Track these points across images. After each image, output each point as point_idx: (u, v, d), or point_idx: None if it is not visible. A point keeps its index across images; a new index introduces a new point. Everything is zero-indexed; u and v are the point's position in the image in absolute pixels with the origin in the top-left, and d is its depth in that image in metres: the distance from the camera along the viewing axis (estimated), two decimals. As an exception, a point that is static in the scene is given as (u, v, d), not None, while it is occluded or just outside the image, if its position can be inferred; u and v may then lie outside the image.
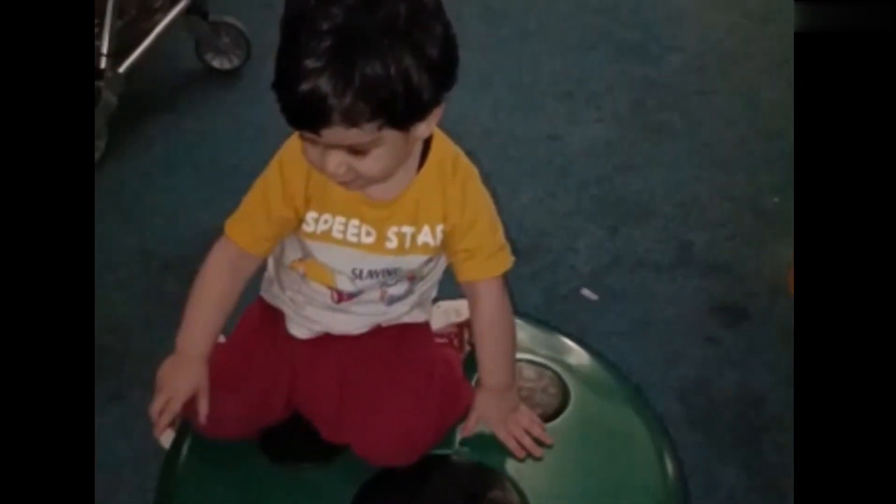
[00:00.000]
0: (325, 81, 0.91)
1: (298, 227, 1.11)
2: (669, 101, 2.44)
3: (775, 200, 2.11)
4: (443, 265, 1.20)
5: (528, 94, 2.46)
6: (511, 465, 1.16)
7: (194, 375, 1.11)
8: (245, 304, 1.21)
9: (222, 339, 1.21)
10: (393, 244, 1.11)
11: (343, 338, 1.20)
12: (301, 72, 0.91)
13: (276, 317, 1.22)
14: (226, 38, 2.47)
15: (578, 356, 1.34)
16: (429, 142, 1.09)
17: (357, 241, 1.11)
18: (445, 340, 1.30)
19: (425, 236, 1.11)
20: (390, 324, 1.21)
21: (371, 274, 1.13)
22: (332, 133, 0.95)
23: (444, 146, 1.11)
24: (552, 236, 2.00)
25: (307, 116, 0.94)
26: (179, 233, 1.97)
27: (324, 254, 1.13)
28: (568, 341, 1.36)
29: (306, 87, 0.91)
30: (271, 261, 1.22)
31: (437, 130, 1.08)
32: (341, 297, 1.16)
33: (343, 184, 1.03)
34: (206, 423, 1.13)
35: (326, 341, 1.20)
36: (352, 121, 0.93)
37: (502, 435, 1.17)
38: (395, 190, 1.09)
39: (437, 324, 1.29)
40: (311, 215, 1.10)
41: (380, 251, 1.11)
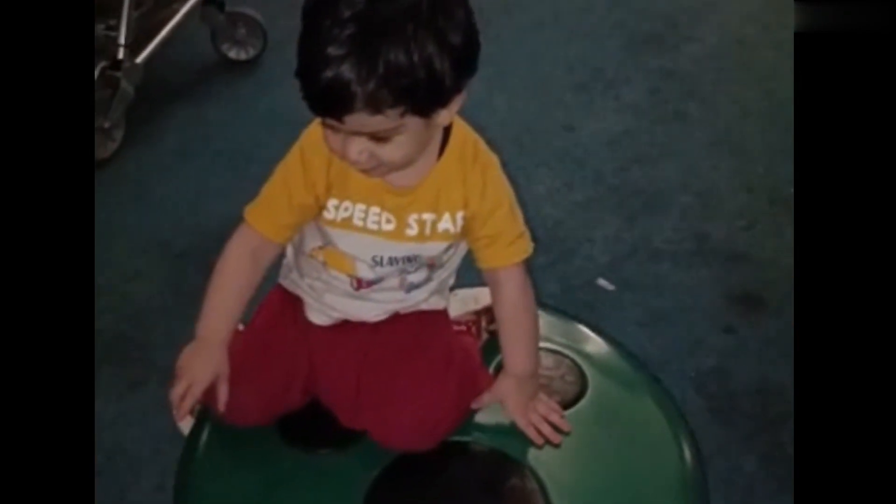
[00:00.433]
0: (348, 68, 0.91)
1: (319, 214, 1.12)
2: (687, 91, 2.43)
3: (793, 191, 2.10)
4: (461, 253, 1.20)
5: (543, 84, 2.46)
6: (529, 452, 1.16)
7: (215, 362, 1.12)
8: (264, 292, 1.22)
9: (240, 327, 1.22)
10: (413, 231, 1.11)
11: (361, 325, 1.20)
12: (324, 59, 0.91)
13: (295, 304, 1.22)
14: (242, 29, 2.48)
15: (596, 344, 1.33)
16: (449, 129, 1.09)
17: (377, 229, 1.11)
18: (463, 328, 1.30)
19: (446, 223, 1.11)
20: (409, 311, 1.21)
21: (391, 261, 1.13)
22: (354, 120, 0.95)
23: (464, 133, 1.11)
24: (568, 227, 2.00)
25: (330, 103, 0.95)
26: (197, 222, 1.98)
27: (344, 241, 1.13)
28: (585, 329, 1.36)
29: (329, 74, 0.91)
30: (290, 248, 1.22)
31: (457, 118, 1.08)
32: (361, 284, 1.16)
33: (364, 171, 1.04)
34: (225, 410, 1.13)
35: (345, 328, 1.21)
36: (375, 107, 0.93)
37: (521, 422, 1.17)
38: (415, 177, 1.09)
39: (455, 311, 1.30)
40: (331, 203, 1.11)
41: (400, 238, 1.11)
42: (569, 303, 1.79)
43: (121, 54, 2.11)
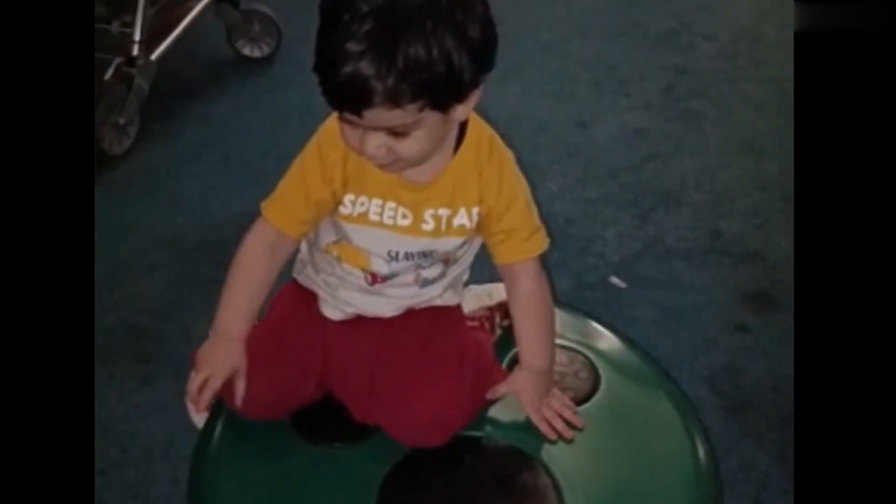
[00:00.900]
0: (368, 64, 0.91)
1: (335, 209, 1.12)
2: (700, 88, 2.42)
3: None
4: (475, 248, 1.20)
5: (556, 81, 2.45)
6: (542, 448, 1.17)
7: (233, 355, 1.13)
8: (278, 287, 1.22)
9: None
10: (429, 226, 1.11)
11: (376, 320, 1.21)
12: (343, 55, 0.91)
13: (310, 299, 1.23)
14: (257, 26, 2.48)
15: (609, 341, 1.34)
16: (465, 125, 1.09)
17: (393, 224, 1.11)
18: (477, 324, 1.30)
19: (461, 219, 1.12)
20: (423, 306, 1.22)
21: (407, 256, 1.14)
22: (373, 114, 0.95)
23: (479, 129, 1.11)
24: (581, 224, 2.00)
25: (350, 98, 0.95)
26: (210, 217, 1.99)
27: (360, 236, 1.13)
28: (598, 326, 1.36)
29: (349, 69, 0.91)
30: (304, 244, 1.22)
31: (472, 113, 1.08)
32: (375, 279, 1.17)
33: (381, 166, 1.04)
34: (240, 403, 1.14)
35: (359, 323, 1.21)
36: (394, 102, 0.93)
37: (534, 417, 1.17)
38: (431, 172, 1.09)
39: (468, 307, 1.30)
40: (348, 198, 1.11)
41: (416, 233, 1.12)
42: (581, 300, 1.78)
43: (135, 51, 2.12)
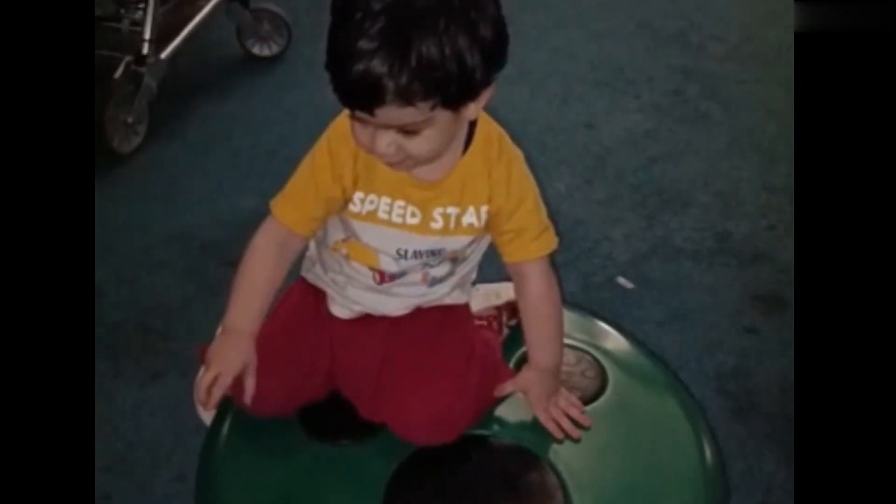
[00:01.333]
0: (380, 62, 0.91)
1: (344, 207, 1.12)
2: (709, 90, 2.42)
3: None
4: (484, 247, 1.20)
5: (565, 82, 2.45)
6: (548, 447, 1.17)
7: (243, 352, 1.13)
8: (287, 285, 1.22)
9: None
10: (438, 225, 1.12)
11: (383, 319, 1.21)
12: (355, 53, 0.91)
13: (318, 297, 1.23)
14: (266, 25, 2.49)
15: (616, 341, 1.34)
16: (474, 124, 1.09)
17: (402, 222, 1.11)
18: (484, 323, 1.30)
19: (470, 217, 1.12)
20: (431, 305, 1.22)
21: (415, 254, 1.14)
22: (385, 112, 0.95)
23: (489, 128, 1.11)
24: (588, 225, 2.00)
25: (362, 97, 0.95)
26: (218, 215, 1.99)
27: (369, 234, 1.14)
28: (606, 326, 1.36)
29: (361, 67, 0.91)
30: (313, 242, 1.23)
31: (482, 112, 1.08)
32: (383, 278, 1.17)
33: (391, 164, 1.04)
34: (249, 401, 1.14)
35: (367, 322, 1.21)
36: (406, 100, 0.94)
37: (541, 416, 1.17)
38: (441, 171, 1.09)
39: (476, 306, 1.30)
40: (357, 196, 1.11)
41: (425, 232, 1.12)
42: (588, 301, 1.78)
43: (145, 49, 2.13)
